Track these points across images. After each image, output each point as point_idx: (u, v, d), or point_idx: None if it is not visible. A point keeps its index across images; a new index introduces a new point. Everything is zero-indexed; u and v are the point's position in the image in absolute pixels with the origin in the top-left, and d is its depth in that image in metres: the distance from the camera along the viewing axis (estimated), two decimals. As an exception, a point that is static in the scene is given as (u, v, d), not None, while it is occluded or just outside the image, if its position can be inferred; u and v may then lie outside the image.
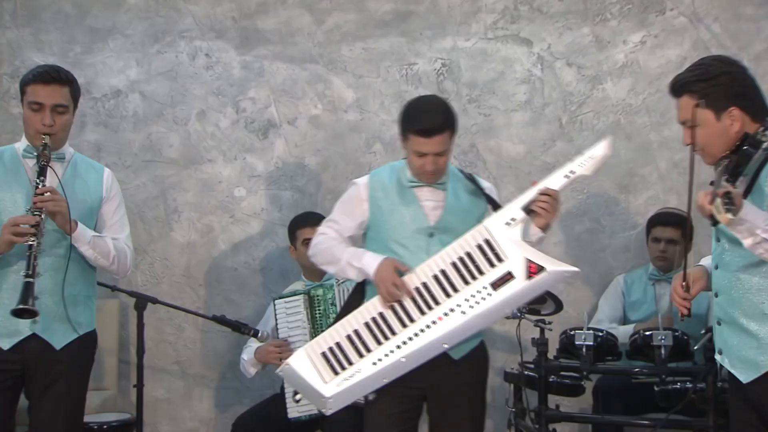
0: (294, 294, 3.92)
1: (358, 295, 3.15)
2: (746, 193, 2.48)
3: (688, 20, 4.58)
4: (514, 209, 2.93)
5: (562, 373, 3.78)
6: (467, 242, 2.93)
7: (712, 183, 2.52)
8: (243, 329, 3.84)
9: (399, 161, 3.25)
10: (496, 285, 2.86)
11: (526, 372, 3.72)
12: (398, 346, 2.93)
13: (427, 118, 2.99)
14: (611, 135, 4.56)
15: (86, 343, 3.25)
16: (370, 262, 3.03)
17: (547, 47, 4.70)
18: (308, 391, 3.04)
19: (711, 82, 2.57)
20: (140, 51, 4.88)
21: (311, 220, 4.05)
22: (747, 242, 2.40)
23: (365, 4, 4.82)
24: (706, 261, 2.79)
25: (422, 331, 2.92)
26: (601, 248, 4.65)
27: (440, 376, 3.01)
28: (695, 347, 3.53)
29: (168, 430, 4.84)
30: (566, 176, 2.89)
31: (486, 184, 3.24)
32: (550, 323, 3.73)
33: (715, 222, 2.31)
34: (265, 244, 4.85)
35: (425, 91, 4.75)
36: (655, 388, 3.61)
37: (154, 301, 3.72)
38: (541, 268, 2.83)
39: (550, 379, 3.73)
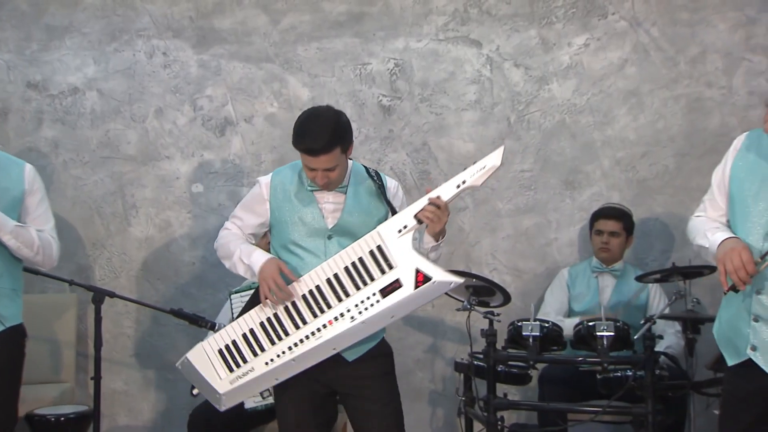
0: (250, 288, 3.89)
1: (258, 294, 3.09)
2: None
3: (629, 24, 4.64)
4: (406, 217, 2.86)
5: (510, 362, 3.81)
6: (360, 247, 2.88)
7: None
8: (200, 322, 3.82)
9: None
10: (385, 292, 2.82)
11: (475, 362, 3.75)
12: (290, 348, 2.91)
13: (312, 139, 2.88)
14: (555, 135, 4.68)
15: (14, 336, 3.16)
16: (257, 259, 2.99)
17: (496, 49, 4.74)
18: (204, 386, 3.02)
19: None
20: (97, 49, 4.82)
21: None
22: None
23: (320, 5, 4.81)
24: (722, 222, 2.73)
25: (313, 334, 2.89)
26: (547, 242, 4.70)
27: (341, 373, 3.00)
28: (635, 337, 3.60)
29: (126, 422, 4.80)
30: (458, 186, 2.82)
31: (391, 184, 3.14)
32: (498, 315, 3.76)
33: None
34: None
35: (380, 90, 4.77)
36: (598, 376, 3.67)
37: (112, 295, 3.68)
38: (427, 278, 2.78)
39: (499, 369, 3.76)
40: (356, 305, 2.86)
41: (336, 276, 2.89)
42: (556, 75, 4.70)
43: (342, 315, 2.88)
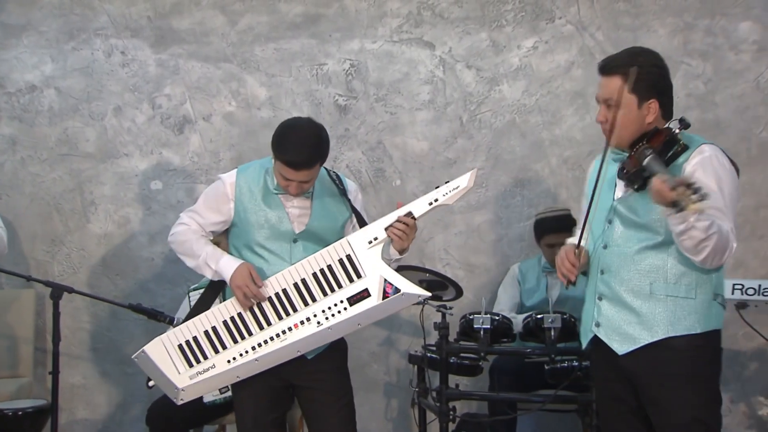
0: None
1: (213, 291, 3.09)
2: None
3: (575, 28, 4.68)
4: (377, 229, 2.87)
5: (462, 354, 3.82)
6: (329, 255, 2.88)
7: (622, 169, 2.55)
8: (159, 317, 3.76)
9: (269, 159, 3.07)
10: (353, 300, 2.83)
11: (428, 354, 3.76)
12: (253, 348, 2.90)
13: (296, 152, 2.86)
14: (506, 134, 4.70)
15: None
16: (226, 266, 2.95)
17: (449, 50, 4.75)
18: (161, 379, 2.99)
19: (644, 69, 2.57)
20: (55, 47, 4.73)
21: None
22: (678, 228, 2.42)
23: (277, 6, 4.78)
24: (571, 240, 2.82)
25: (278, 335, 2.89)
26: (498, 238, 4.72)
27: (299, 367, 2.99)
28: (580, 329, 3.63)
29: (84, 416, 4.72)
30: (430, 204, 2.85)
31: (351, 187, 3.14)
32: (451, 308, 3.77)
33: (679, 208, 2.26)
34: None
35: (336, 90, 4.75)
36: (546, 367, 3.69)
37: (70, 290, 3.61)
38: (396, 290, 2.81)
39: (451, 360, 3.77)
40: (323, 311, 2.87)
41: (304, 281, 2.89)
42: (506, 76, 4.72)
43: (308, 319, 2.88)
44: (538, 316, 3.64)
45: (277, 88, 4.78)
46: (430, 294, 2.87)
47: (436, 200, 2.85)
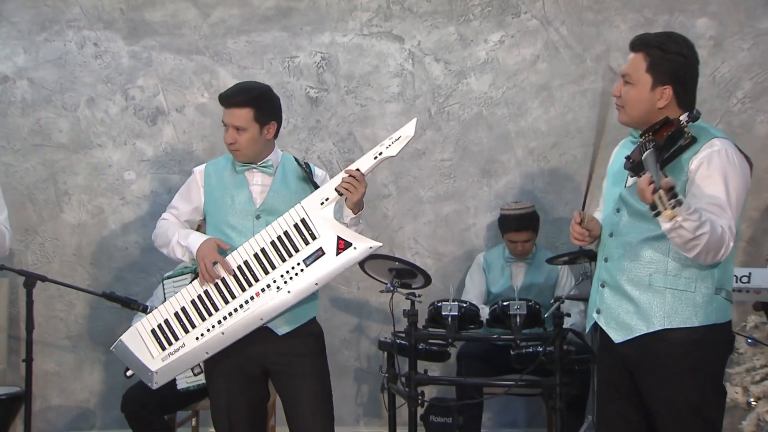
0: (182, 272, 3.80)
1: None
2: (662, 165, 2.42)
3: (540, 23, 4.68)
4: (328, 190, 2.85)
5: (430, 340, 3.82)
6: (285, 221, 2.87)
7: (629, 158, 2.49)
8: (132, 305, 3.72)
9: None
10: (309, 261, 2.81)
11: (398, 341, 3.75)
12: (219, 321, 2.88)
13: (230, 92, 2.97)
14: (473, 126, 4.70)
15: None
16: (194, 240, 2.97)
17: (417, 44, 4.72)
18: (137, 366, 2.96)
19: (666, 54, 2.51)
20: (27, 39, 4.63)
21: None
22: (666, 226, 2.33)
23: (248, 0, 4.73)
24: (598, 214, 2.77)
25: (241, 306, 2.86)
26: (466, 227, 4.72)
27: (271, 349, 2.96)
28: (545, 315, 3.65)
29: (59, 402, 4.66)
30: (375, 157, 2.80)
31: (319, 172, 3.12)
32: (419, 296, 3.77)
33: (654, 209, 2.20)
34: (155, 225, 4.67)
35: (307, 83, 4.71)
36: (511, 352, 3.70)
37: (43, 279, 3.55)
38: (348, 244, 2.78)
39: (420, 347, 3.77)
40: (282, 276, 2.84)
41: (263, 250, 2.87)
42: (474, 70, 4.71)
43: (269, 286, 2.85)
44: (504, 304, 3.65)
45: (250, 80, 4.72)
46: (380, 244, 2.82)
47: (380, 153, 2.79)
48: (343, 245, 2.77)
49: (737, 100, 4.56)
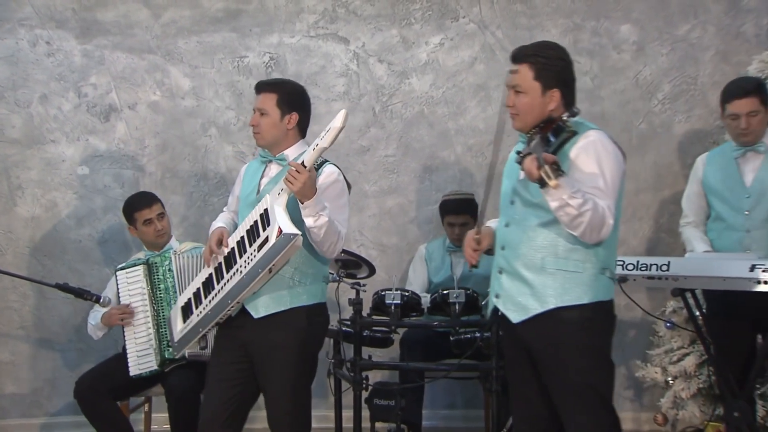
0: (134, 264, 3.73)
1: None
2: None
3: (477, 27, 4.68)
4: (282, 182, 2.83)
5: (374, 327, 3.79)
6: (256, 211, 2.87)
7: (519, 152, 2.55)
8: (85, 295, 3.66)
9: None
10: (260, 247, 2.79)
11: (343, 328, 3.72)
12: (210, 301, 2.93)
13: (266, 79, 3.11)
14: (415, 124, 4.68)
15: None
16: (211, 228, 3.05)
17: (362, 45, 4.68)
18: (171, 336, 3.17)
19: (549, 61, 2.60)
20: (-22, 36, 4.46)
21: (145, 200, 3.86)
22: (554, 205, 2.44)
23: (199, 1, 4.61)
24: (493, 223, 2.82)
25: (222, 288, 2.89)
26: (409, 220, 4.71)
27: (252, 336, 2.92)
28: (483, 303, 3.65)
29: (13, 390, 4.52)
30: (313, 149, 2.77)
31: (325, 170, 2.97)
32: (364, 285, 3.74)
33: (543, 185, 2.33)
34: (108, 218, 4.59)
35: (255, 81, 4.62)
36: (451, 338, 3.70)
37: (-3, 270, 3.43)
38: (280, 231, 2.74)
39: (364, 333, 3.74)
40: (244, 261, 2.83)
41: (242, 238, 2.88)
42: (415, 70, 4.69)
43: (237, 270, 2.84)
44: (444, 292, 3.65)
45: (200, 78, 4.64)
46: (299, 233, 2.75)
47: (317, 144, 2.76)
48: (279, 233, 2.74)
49: (658, 101, 4.63)
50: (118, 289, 3.73)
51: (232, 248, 2.91)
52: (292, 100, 3.00)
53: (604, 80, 4.64)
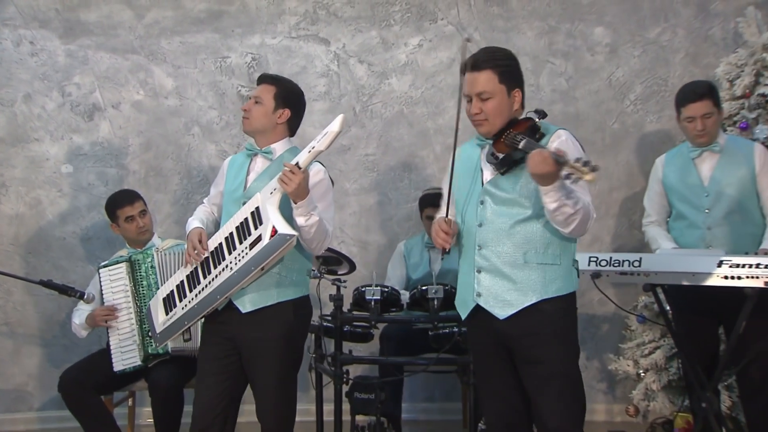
0: (117, 261, 3.70)
1: None
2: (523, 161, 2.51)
3: (455, 29, 4.69)
4: (275, 181, 2.82)
5: (355, 323, 3.79)
6: (246, 209, 2.86)
7: (494, 155, 2.57)
8: (69, 292, 3.63)
9: None
10: (252, 245, 2.79)
11: (324, 323, 3.71)
12: (196, 295, 2.92)
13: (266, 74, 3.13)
14: (395, 123, 4.68)
15: None
16: (189, 226, 3.01)
17: (342, 47, 4.67)
18: (152, 327, 3.12)
19: (507, 62, 2.64)
20: (-37, 36, 4.40)
21: (128, 197, 3.83)
22: (552, 206, 2.46)
23: (181, 2, 4.59)
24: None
25: (209, 283, 2.88)
26: (388, 217, 4.71)
27: (239, 330, 2.91)
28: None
29: (-2, 386, 4.47)
30: (309, 151, 2.77)
31: (313, 169, 2.94)
32: (345, 281, 3.73)
33: (574, 179, 2.29)
34: (92, 216, 4.55)
35: (239, 81, 4.61)
36: (429, 333, 3.71)
37: (-20, 268, 3.39)
38: (275, 231, 2.74)
39: (345, 329, 3.74)
40: (234, 257, 2.81)
41: (231, 234, 2.86)
42: (395, 71, 4.69)
43: (227, 267, 2.83)
44: (423, 288, 3.65)
45: (183, 78, 4.60)
46: (295, 234, 2.75)
47: (313, 147, 2.76)
48: (273, 232, 2.73)
49: (630, 101, 4.67)
50: (101, 286, 3.70)
51: (220, 243, 2.89)
52: (289, 97, 3.02)
53: (578, 81, 4.67)
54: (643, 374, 4.00)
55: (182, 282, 2.99)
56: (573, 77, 4.66)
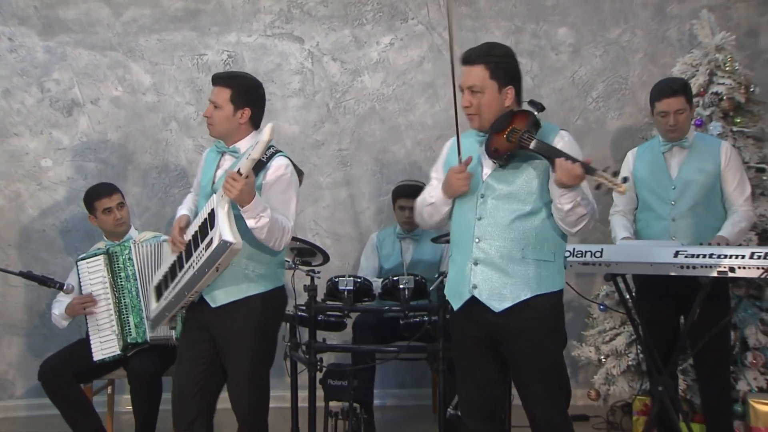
0: (95, 254, 3.65)
1: None
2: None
3: (425, 28, 4.68)
4: (221, 188, 2.79)
5: (328, 312, 3.77)
6: (206, 209, 2.83)
7: (495, 150, 2.52)
8: (49, 283, 3.56)
9: None
10: (207, 247, 2.75)
11: (299, 312, 3.69)
12: (173, 288, 2.92)
13: (220, 73, 3.06)
14: (367, 120, 4.67)
15: None
16: (176, 215, 3.01)
17: (316, 45, 4.65)
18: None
19: (501, 59, 2.59)
20: (-58, 32, 4.30)
21: (106, 189, 3.77)
22: (567, 206, 2.44)
23: (159, 0, 4.52)
24: None
25: (180, 280, 2.88)
26: (361, 211, 4.70)
27: (212, 321, 2.88)
28: (431, 288, 3.66)
29: (-22, 375, 4.40)
30: (246, 158, 2.72)
31: (273, 164, 2.89)
32: (318, 272, 3.71)
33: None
34: (72, 209, 4.48)
35: (215, 78, 4.56)
36: (401, 322, 3.70)
37: (-40, 261, 3.32)
38: (219, 237, 2.70)
39: (318, 318, 3.72)
40: (196, 257, 2.80)
41: (196, 233, 2.84)
42: (367, 68, 4.68)
43: (191, 266, 2.81)
44: (394, 278, 3.64)
45: (161, 75, 4.55)
46: (235, 241, 2.70)
47: (248, 155, 2.72)
48: (219, 237, 2.70)
49: (592, 99, 4.70)
50: (79, 278, 3.65)
51: (189, 240, 2.87)
52: (246, 96, 2.94)
53: (543, 79, 4.68)
54: (604, 360, 4.04)
55: (167, 273, 2.99)
56: (538, 75, 4.68)
